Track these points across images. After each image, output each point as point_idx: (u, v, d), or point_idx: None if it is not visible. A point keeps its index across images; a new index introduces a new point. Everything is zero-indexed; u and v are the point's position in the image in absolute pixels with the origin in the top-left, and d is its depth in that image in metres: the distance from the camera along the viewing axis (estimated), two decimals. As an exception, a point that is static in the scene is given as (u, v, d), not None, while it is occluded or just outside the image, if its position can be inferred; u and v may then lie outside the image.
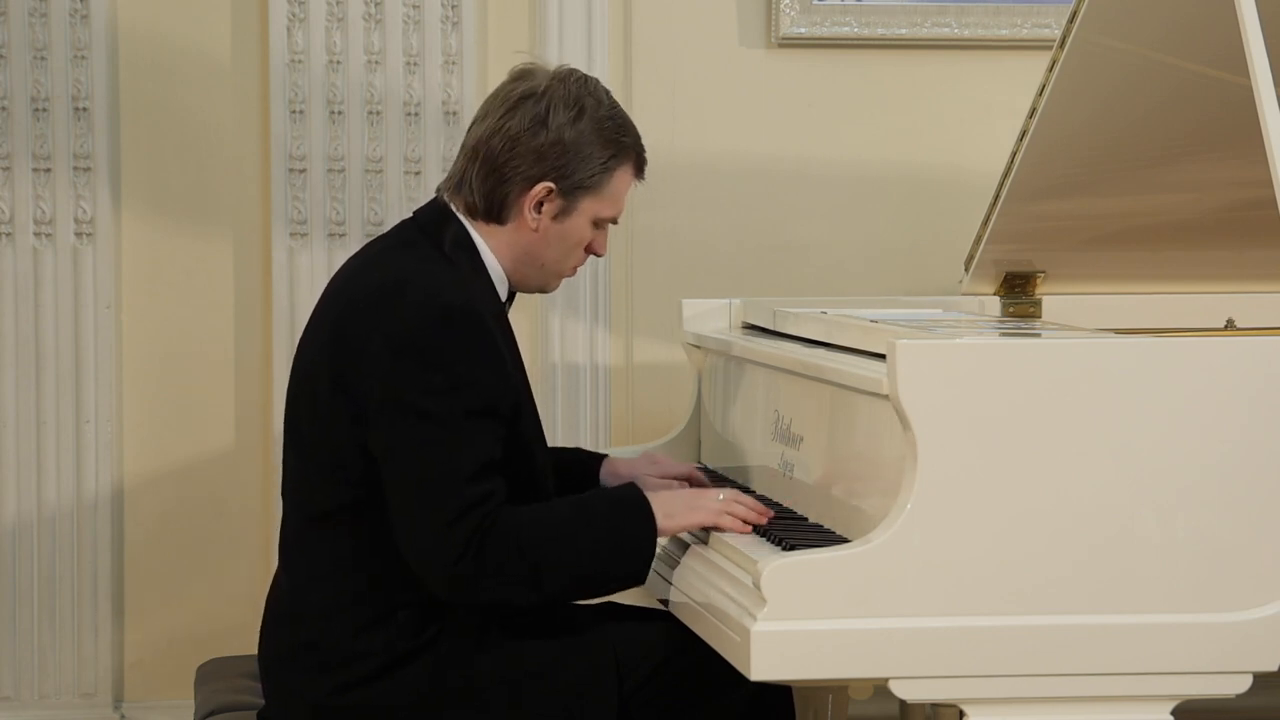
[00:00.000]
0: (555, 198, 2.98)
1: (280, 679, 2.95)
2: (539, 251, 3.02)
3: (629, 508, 2.90)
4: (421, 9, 4.32)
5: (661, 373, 4.41)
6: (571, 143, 2.97)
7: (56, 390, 4.30)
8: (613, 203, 3.03)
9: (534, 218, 2.99)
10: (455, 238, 2.99)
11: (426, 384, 2.81)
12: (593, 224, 3.02)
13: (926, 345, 2.64)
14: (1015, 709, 2.64)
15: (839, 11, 4.45)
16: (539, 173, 2.97)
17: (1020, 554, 2.62)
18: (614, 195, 3.03)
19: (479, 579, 2.78)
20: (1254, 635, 2.65)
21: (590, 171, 2.98)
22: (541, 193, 2.97)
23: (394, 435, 2.82)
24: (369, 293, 2.91)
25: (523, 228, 3.00)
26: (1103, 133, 3.56)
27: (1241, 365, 2.68)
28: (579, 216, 3.00)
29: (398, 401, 2.82)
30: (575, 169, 2.97)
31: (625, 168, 3.03)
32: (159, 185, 4.37)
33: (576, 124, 2.97)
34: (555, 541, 2.83)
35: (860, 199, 4.51)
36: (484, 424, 2.83)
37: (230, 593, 4.36)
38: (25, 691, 4.31)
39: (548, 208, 2.99)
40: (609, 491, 3.01)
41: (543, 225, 2.99)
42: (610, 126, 3.00)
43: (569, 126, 2.97)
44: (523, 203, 2.98)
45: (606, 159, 2.99)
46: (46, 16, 4.25)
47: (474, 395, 2.82)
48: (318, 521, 2.93)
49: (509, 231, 3.00)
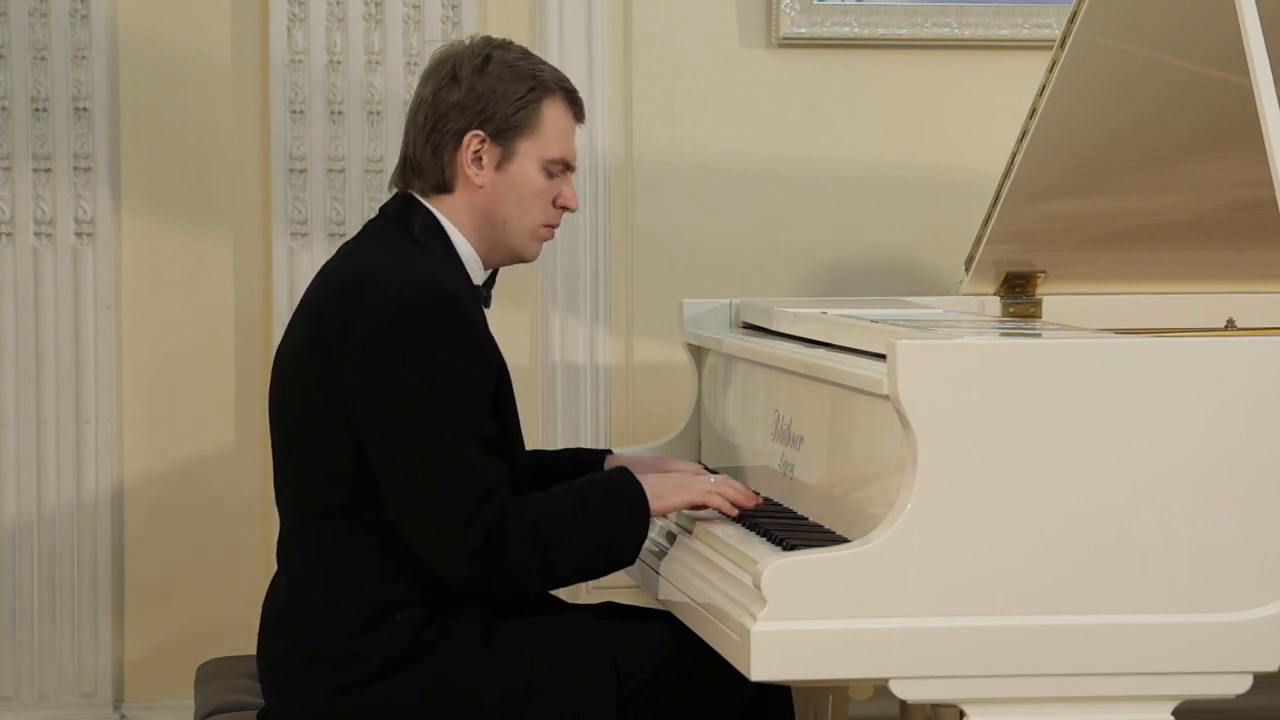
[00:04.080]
0: (490, 146, 2.98)
1: (280, 679, 2.95)
2: (495, 210, 3.00)
3: (623, 492, 2.91)
4: (421, 9, 4.32)
5: (661, 373, 4.41)
6: (485, 88, 2.98)
7: (56, 390, 4.30)
8: (554, 143, 3.01)
9: (476, 173, 2.98)
10: (423, 221, 2.99)
11: (412, 376, 2.80)
12: (543, 170, 3.01)
13: (926, 345, 2.64)
14: (1015, 709, 2.64)
15: (839, 11, 4.45)
16: (463, 125, 2.98)
17: (1020, 554, 2.62)
18: (552, 134, 3.01)
19: (496, 570, 2.80)
20: (1254, 635, 2.65)
21: (513, 109, 2.98)
22: (473, 143, 2.98)
23: (388, 433, 2.82)
24: (346, 287, 2.91)
25: (470, 187, 2.99)
26: (1103, 133, 3.56)
27: (1241, 365, 2.68)
28: (521, 161, 2.99)
29: (386, 397, 2.81)
30: (496, 109, 2.97)
31: (552, 102, 3.01)
32: (159, 185, 4.37)
33: (484, 69, 2.99)
34: (562, 530, 2.84)
35: (860, 199, 4.51)
36: (475, 407, 2.84)
37: (230, 593, 4.36)
38: (25, 691, 4.31)
39: (486, 159, 2.99)
40: (603, 477, 3.01)
41: (488, 179, 2.99)
42: (524, 64, 3.01)
43: (477, 75, 2.98)
44: (460, 161, 2.98)
45: (525, 93, 2.99)
46: (46, 16, 4.25)
47: (461, 381, 2.82)
48: (311, 521, 2.93)
49: (461, 197, 3.00)
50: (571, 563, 2.86)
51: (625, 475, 2.95)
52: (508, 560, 2.80)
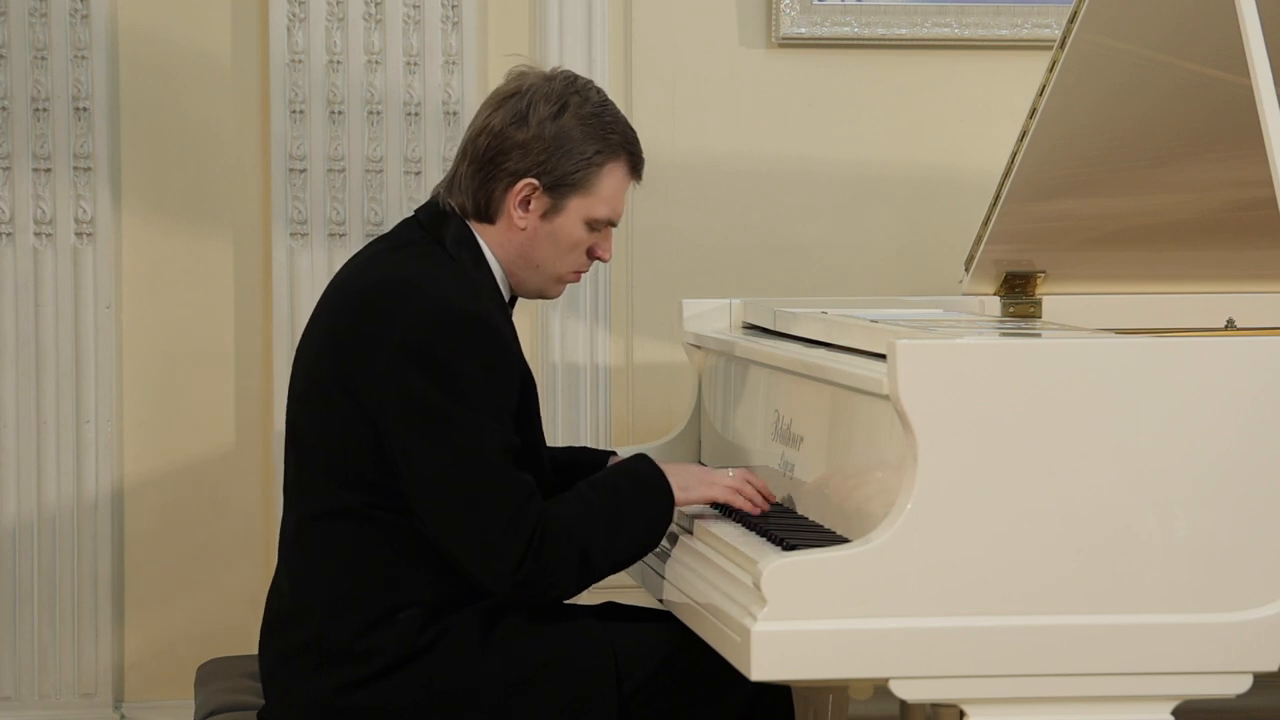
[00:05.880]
0: (541, 195, 2.96)
1: (280, 679, 2.95)
2: (530, 252, 3.00)
3: (650, 484, 2.92)
4: (421, 9, 4.32)
5: (661, 373, 4.41)
6: (553, 138, 2.94)
7: (56, 390, 4.30)
8: (605, 203, 3.00)
9: (521, 216, 2.97)
10: (456, 234, 2.98)
11: (442, 391, 2.80)
12: (586, 225, 3.00)
13: (927, 345, 2.64)
14: (1015, 709, 2.64)
15: (839, 11, 4.45)
16: (522, 169, 2.95)
17: (1020, 554, 2.62)
18: (605, 195, 3.00)
19: (541, 578, 2.81)
20: (1254, 635, 2.65)
21: (574, 167, 2.96)
22: (525, 190, 2.96)
23: (421, 447, 2.81)
24: (373, 293, 2.91)
25: (512, 227, 2.98)
26: (1103, 133, 3.56)
27: (1241, 365, 2.68)
28: (568, 216, 2.98)
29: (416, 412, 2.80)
30: (558, 164, 2.95)
31: (615, 166, 3.00)
32: (159, 185, 4.37)
33: (558, 119, 2.95)
34: (597, 530, 2.85)
35: (860, 199, 4.51)
36: (504, 420, 2.84)
37: (230, 593, 4.36)
38: (25, 691, 4.31)
39: (535, 206, 2.97)
40: (629, 471, 2.98)
41: (531, 224, 2.98)
42: (596, 123, 2.97)
43: (550, 121, 2.95)
44: (508, 200, 2.97)
45: (591, 154, 2.96)
46: (46, 16, 4.25)
47: (490, 395, 2.82)
48: (318, 520, 2.93)
49: (500, 231, 2.99)
50: (607, 561, 2.87)
51: (650, 467, 2.95)
52: (549, 566, 2.80)
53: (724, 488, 3.01)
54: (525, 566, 2.79)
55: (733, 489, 3.01)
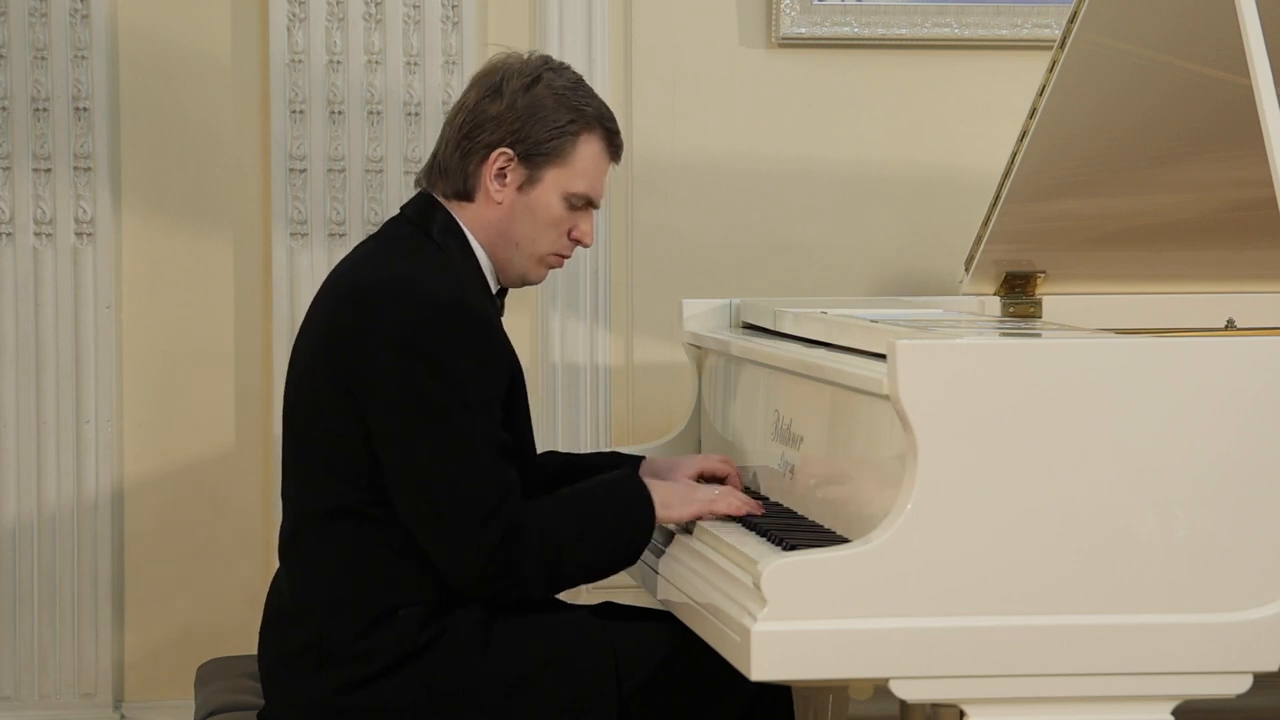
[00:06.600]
0: (517, 166, 2.97)
1: (280, 679, 2.95)
2: (509, 229, 3.00)
3: (633, 500, 2.94)
4: (421, 9, 4.32)
5: (661, 373, 4.41)
6: (525, 107, 2.96)
7: (56, 390, 4.30)
8: (581, 176, 3.00)
9: (498, 189, 2.97)
10: (443, 224, 2.99)
11: (429, 382, 2.81)
12: (565, 201, 3.00)
13: (926, 345, 2.64)
14: (1015, 709, 2.64)
15: (839, 11, 4.45)
16: (495, 139, 2.96)
17: (1020, 554, 2.62)
18: (582, 169, 3.00)
19: (506, 575, 2.82)
20: (1254, 635, 2.65)
21: (547, 135, 2.96)
22: (500, 160, 2.97)
23: (402, 436, 2.82)
24: (365, 291, 2.91)
25: (489, 202, 2.99)
26: (1103, 133, 3.56)
27: (1241, 365, 2.68)
28: (545, 189, 2.98)
29: (402, 402, 2.82)
30: (531, 132, 2.96)
31: (590, 138, 3.00)
32: (159, 185, 4.37)
33: (531, 90, 2.97)
34: (572, 537, 2.86)
35: (860, 199, 4.51)
36: (490, 413, 2.84)
37: (230, 593, 4.36)
38: (25, 691, 4.31)
39: (511, 178, 2.98)
40: (611, 483, 3.01)
41: (508, 197, 2.98)
42: (570, 95, 2.98)
43: (522, 93, 2.96)
44: (484, 173, 2.98)
45: (565, 123, 2.97)
46: (46, 16, 4.25)
47: (476, 387, 2.83)
48: (317, 519, 2.93)
49: (479, 208, 2.99)
50: (578, 568, 2.88)
51: (633, 480, 2.97)
52: (517, 565, 2.81)
53: (704, 503, 3.01)
54: (494, 561, 2.79)
55: (713, 508, 3.01)
